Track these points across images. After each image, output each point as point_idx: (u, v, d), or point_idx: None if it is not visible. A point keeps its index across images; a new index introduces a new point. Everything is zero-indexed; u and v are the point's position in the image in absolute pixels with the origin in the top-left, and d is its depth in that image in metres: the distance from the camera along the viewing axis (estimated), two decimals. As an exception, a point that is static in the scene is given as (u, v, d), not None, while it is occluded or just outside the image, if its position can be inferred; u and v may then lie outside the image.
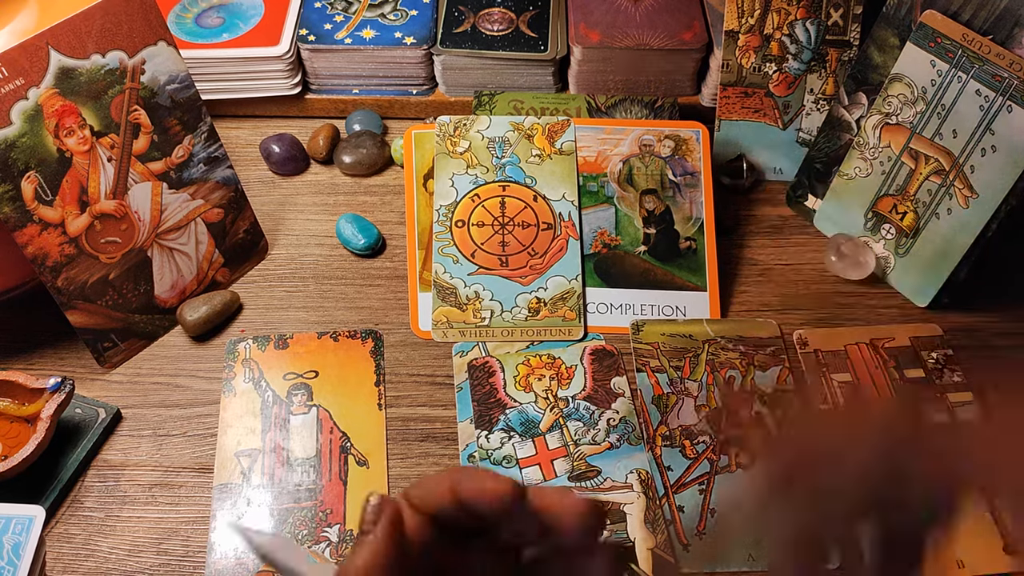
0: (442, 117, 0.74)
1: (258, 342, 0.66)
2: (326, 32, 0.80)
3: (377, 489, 0.59)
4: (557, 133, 0.73)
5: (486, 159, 0.72)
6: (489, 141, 0.73)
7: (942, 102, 0.64)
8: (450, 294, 0.68)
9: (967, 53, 0.61)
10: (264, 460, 0.60)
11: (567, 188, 0.72)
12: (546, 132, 0.74)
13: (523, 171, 0.72)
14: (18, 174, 0.57)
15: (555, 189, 0.72)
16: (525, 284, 0.69)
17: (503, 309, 0.67)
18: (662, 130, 0.75)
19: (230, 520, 0.57)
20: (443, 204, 0.71)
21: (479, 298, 0.68)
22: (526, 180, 0.72)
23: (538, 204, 0.71)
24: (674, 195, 0.72)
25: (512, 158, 0.72)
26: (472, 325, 0.67)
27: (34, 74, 0.56)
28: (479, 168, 0.72)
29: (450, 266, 0.68)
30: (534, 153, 0.73)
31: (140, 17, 0.60)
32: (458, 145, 0.72)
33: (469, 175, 0.72)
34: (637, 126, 0.75)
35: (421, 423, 0.63)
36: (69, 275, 0.61)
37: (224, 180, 0.68)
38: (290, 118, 0.83)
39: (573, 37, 0.80)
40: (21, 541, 0.51)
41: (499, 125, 0.74)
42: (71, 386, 0.58)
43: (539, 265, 0.69)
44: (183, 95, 0.64)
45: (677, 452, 0.61)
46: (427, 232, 0.71)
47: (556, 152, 0.73)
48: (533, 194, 0.72)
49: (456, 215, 0.70)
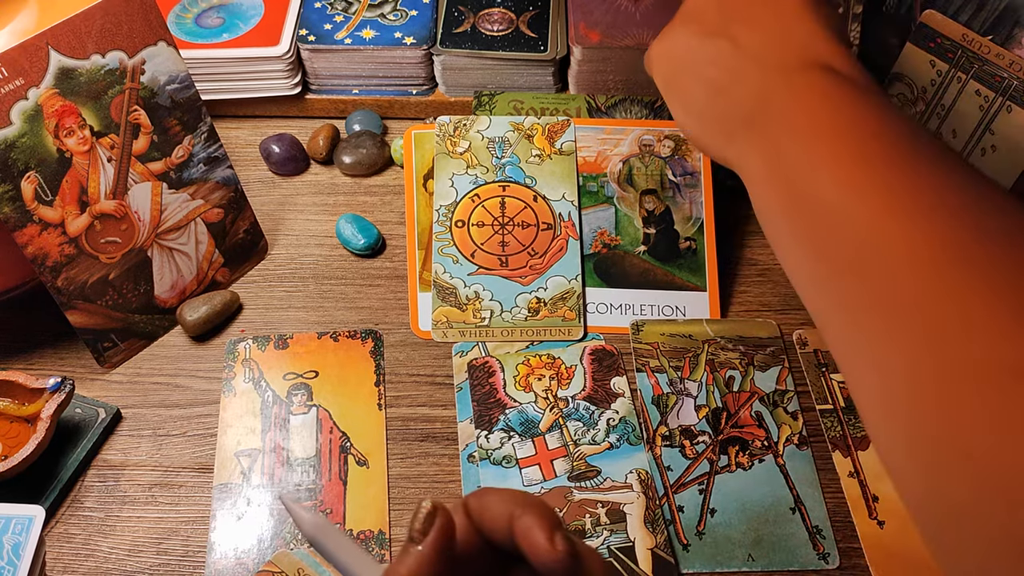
0: (442, 117, 0.74)
1: (258, 342, 0.66)
2: (326, 32, 0.80)
3: (379, 489, 0.59)
4: (557, 133, 0.73)
5: (486, 159, 0.72)
6: (489, 141, 0.73)
7: (942, 102, 0.64)
8: (450, 294, 0.68)
9: (967, 53, 0.61)
10: (264, 460, 0.60)
11: (567, 188, 0.72)
12: (546, 132, 0.74)
13: (523, 171, 0.72)
14: (18, 174, 0.57)
15: (555, 189, 0.72)
16: (525, 284, 0.69)
17: (503, 309, 0.67)
18: (662, 130, 0.75)
19: (280, 493, 0.58)
20: (443, 204, 0.71)
21: (479, 298, 0.68)
22: (526, 180, 0.72)
23: (538, 204, 0.71)
24: (674, 195, 0.72)
25: (512, 158, 0.72)
26: (472, 325, 0.67)
27: (34, 74, 0.56)
28: (479, 168, 0.72)
29: (450, 266, 0.68)
30: (534, 153, 0.73)
31: (140, 17, 0.60)
32: (458, 145, 0.72)
33: (469, 175, 0.72)
34: (637, 126, 0.75)
35: (421, 423, 0.63)
36: (69, 275, 0.61)
37: (224, 180, 0.68)
38: (290, 118, 0.83)
39: (573, 37, 0.80)
40: (21, 541, 0.51)
41: (499, 125, 0.74)
42: (71, 386, 0.58)
43: (539, 265, 0.69)
44: (183, 95, 0.64)
45: (677, 452, 0.61)
46: (427, 232, 0.71)
47: (556, 152, 0.73)
48: (533, 194, 0.72)
49: (456, 215, 0.70)
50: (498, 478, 0.60)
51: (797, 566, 0.56)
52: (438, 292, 0.68)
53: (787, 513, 0.59)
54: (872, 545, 0.57)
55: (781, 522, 0.58)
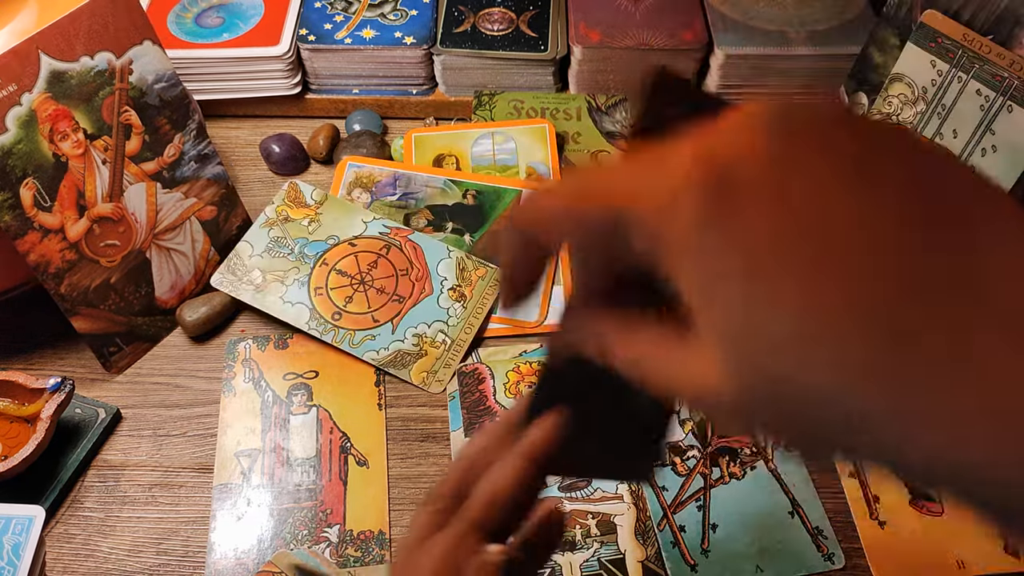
0: (215, 276, 0.67)
1: (258, 342, 0.66)
2: (326, 32, 0.80)
3: (379, 490, 0.59)
4: (298, 196, 0.70)
5: (285, 264, 0.68)
6: (267, 252, 0.68)
7: (942, 102, 0.64)
8: (403, 357, 0.65)
9: (967, 53, 0.61)
10: (264, 460, 0.60)
11: (358, 216, 0.70)
12: (291, 203, 0.70)
13: (320, 240, 0.69)
14: (16, 181, 0.57)
15: (352, 227, 0.70)
16: (431, 294, 0.67)
17: (444, 321, 0.66)
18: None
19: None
20: (306, 321, 0.66)
21: (422, 336, 0.65)
22: (329, 242, 0.69)
23: (359, 245, 0.69)
24: None
25: (299, 241, 0.69)
26: (443, 355, 0.65)
27: (26, 79, 0.56)
28: (290, 274, 0.67)
29: (374, 344, 0.65)
30: (306, 223, 0.70)
31: (125, 17, 0.59)
32: (253, 280, 0.67)
33: (290, 285, 0.67)
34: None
35: (421, 423, 0.63)
36: (72, 281, 0.61)
37: (215, 177, 0.68)
38: (290, 118, 0.83)
39: (573, 37, 0.80)
40: (21, 541, 0.51)
41: (258, 237, 0.69)
42: (71, 386, 0.58)
43: (408, 295, 0.67)
44: (171, 93, 0.64)
45: (669, 471, 0.60)
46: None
47: (317, 206, 0.70)
48: (347, 243, 0.69)
49: (326, 313, 0.66)
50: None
51: (805, 570, 0.56)
52: (395, 366, 0.64)
53: (786, 518, 0.58)
54: (873, 545, 0.57)
55: (782, 528, 0.58)
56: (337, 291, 0.67)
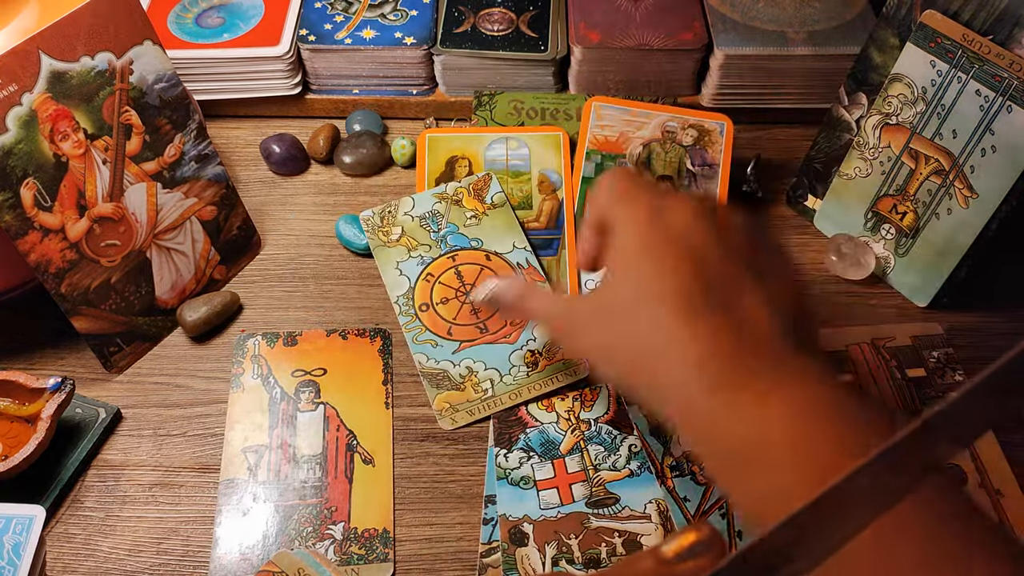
0: (365, 212, 0.71)
1: (267, 339, 0.66)
2: (326, 32, 0.80)
3: (385, 488, 0.59)
4: (483, 189, 0.71)
5: (424, 237, 0.70)
6: (420, 219, 0.70)
7: (942, 102, 0.64)
8: (443, 379, 0.64)
9: (967, 53, 0.61)
10: (270, 456, 0.60)
11: (515, 237, 0.70)
12: (472, 192, 0.72)
13: (465, 236, 0.70)
14: (16, 181, 0.57)
15: (503, 242, 0.70)
16: (512, 342, 0.66)
17: (502, 374, 0.64)
18: (687, 118, 0.74)
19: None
20: (399, 294, 0.68)
21: (473, 372, 0.64)
22: (472, 243, 0.70)
23: (493, 262, 0.69)
24: (689, 184, 0.72)
25: (449, 227, 0.70)
26: (477, 401, 0.63)
27: (26, 79, 0.56)
28: (421, 248, 0.69)
29: (431, 351, 0.65)
30: (468, 215, 0.71)
31: (125, 16, 0.59)
32: (390, 233, 0.70)
33: (413, 258, 0.69)
34: (662, 111, 0.74)
35: (422, 423, 0.63)
36: (72, 281, 0.61)
37: (215, 177, 0.68)
38: (290, 118, 0.83)
39: (573, 37, 0.80)
40: (21, 541, 0.51)
41: (423, 201, 0.71)
42: (71, 386, 0.58)
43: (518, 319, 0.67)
44: (171, 93, 0.64)
45: (689, 480, 0.59)
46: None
47: (490, 207, 0.71)
48: (484, 254, 0.69)
49: (416, 301, 0.67)
50: (514, 499, 0.58)
51: None
52: (430, 381, 0.64)
53: None
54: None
55: None
56: (440, 287, 0.68)
